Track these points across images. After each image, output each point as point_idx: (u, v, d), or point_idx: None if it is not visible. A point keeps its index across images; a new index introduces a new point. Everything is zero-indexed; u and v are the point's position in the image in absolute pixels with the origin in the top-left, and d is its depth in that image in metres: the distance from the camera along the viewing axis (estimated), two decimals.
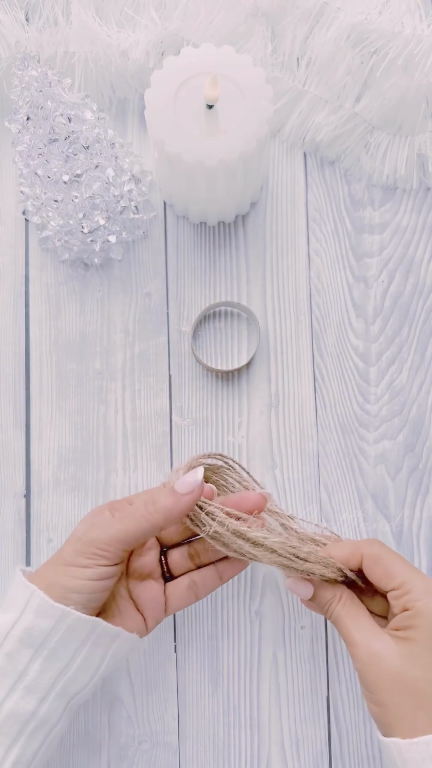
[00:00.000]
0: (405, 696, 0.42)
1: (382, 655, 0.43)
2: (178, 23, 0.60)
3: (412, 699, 0.42)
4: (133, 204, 0.59)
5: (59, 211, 0.56)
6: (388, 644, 0.43)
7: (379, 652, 0.43)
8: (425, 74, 0.59)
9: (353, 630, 0.45)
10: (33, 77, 0.53)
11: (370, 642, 0.43)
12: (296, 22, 0.60)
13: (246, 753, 0.57)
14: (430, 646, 0.42)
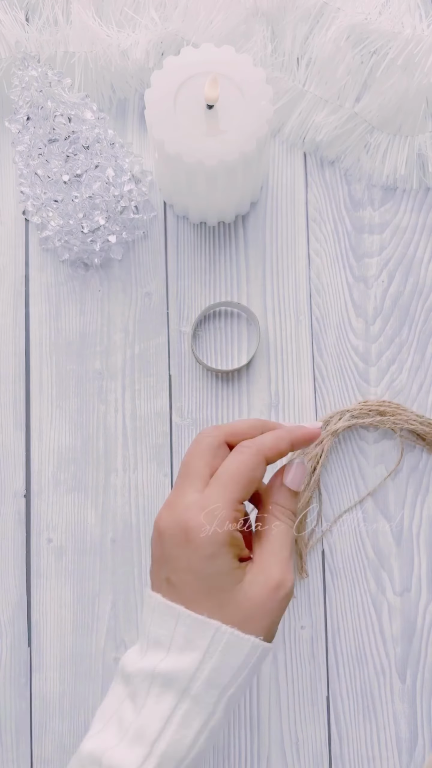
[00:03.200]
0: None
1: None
2: (178, 23, 0.60)
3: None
4: (133, 204, 0.60)
5: (59, 211, 0.56)
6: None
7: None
8: (425, 74, 0.59)
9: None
10: (33, 77, 0.53)
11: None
12: (296, 22, 0.60)
13: (246, 753, 0.57)
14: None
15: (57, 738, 0.57)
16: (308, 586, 0.58)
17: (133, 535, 0.59)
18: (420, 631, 0.58)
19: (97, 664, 0.58)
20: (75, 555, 0.59)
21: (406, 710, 0.57)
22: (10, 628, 0.58)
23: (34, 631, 0.58)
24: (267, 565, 0.43)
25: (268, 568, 0.43)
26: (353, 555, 0.58)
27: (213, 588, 0.41)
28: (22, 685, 0.58)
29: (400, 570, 0.58)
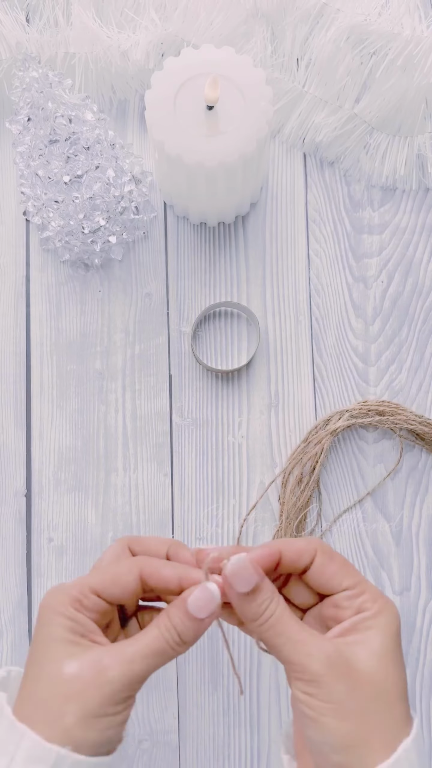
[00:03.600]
0: (380, 702, 0.36)
1: (349, 659, 0.36)
2: (178, 24, 0.60)
3: (384, 703, 0.36)
4: (134, 205, 0.60)
5: (60, 212, 0.56)
6: (350, 648, 0.37)
7: (346, 655, 0.36)
8: (424, 75, 0.59)
9: (305, 635, 0.37)
10: (34, 78, 0.53)
11: (330, 647, 0.36)
12: (296, 23, 0.60)
13: (246, 752, 0.57)
14: (392, 647, 0.37)
15: None
16: None
17: (134, 534, 0.59)
18: (419, 630, 0.58)
19: None
20: (75, 554, 0.59)
21: None
22: (11, 628, 0.58)
23: None
24: (109, 650, 0.37)
25: (106, 652, 0.37)
26: (353, 555, 0.58)
27: (31, 662, 0.37)
28: None
29: (399, 569, 0.58)
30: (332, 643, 0.37)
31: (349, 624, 0.38)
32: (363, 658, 0.36)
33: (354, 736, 0.35)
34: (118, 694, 0.36)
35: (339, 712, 0.35)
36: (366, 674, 0.36)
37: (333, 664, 0.36)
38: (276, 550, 0.40)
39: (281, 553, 0.40)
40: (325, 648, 0.36)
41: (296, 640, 0.37)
